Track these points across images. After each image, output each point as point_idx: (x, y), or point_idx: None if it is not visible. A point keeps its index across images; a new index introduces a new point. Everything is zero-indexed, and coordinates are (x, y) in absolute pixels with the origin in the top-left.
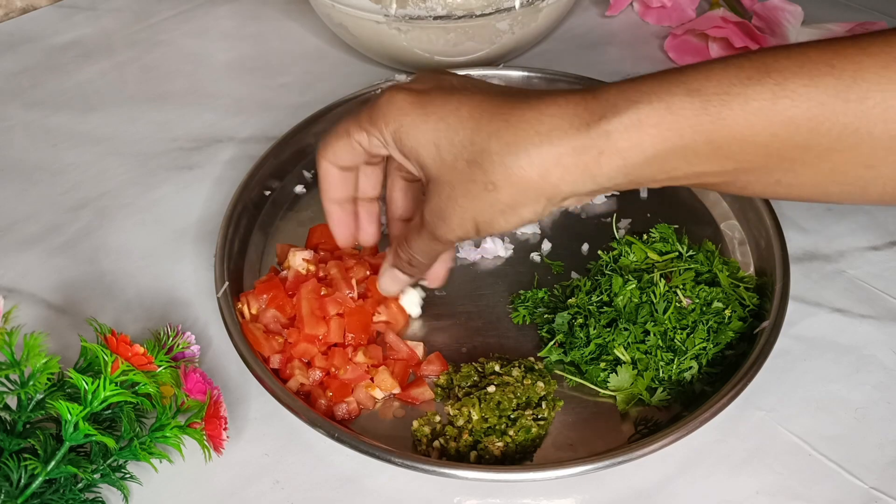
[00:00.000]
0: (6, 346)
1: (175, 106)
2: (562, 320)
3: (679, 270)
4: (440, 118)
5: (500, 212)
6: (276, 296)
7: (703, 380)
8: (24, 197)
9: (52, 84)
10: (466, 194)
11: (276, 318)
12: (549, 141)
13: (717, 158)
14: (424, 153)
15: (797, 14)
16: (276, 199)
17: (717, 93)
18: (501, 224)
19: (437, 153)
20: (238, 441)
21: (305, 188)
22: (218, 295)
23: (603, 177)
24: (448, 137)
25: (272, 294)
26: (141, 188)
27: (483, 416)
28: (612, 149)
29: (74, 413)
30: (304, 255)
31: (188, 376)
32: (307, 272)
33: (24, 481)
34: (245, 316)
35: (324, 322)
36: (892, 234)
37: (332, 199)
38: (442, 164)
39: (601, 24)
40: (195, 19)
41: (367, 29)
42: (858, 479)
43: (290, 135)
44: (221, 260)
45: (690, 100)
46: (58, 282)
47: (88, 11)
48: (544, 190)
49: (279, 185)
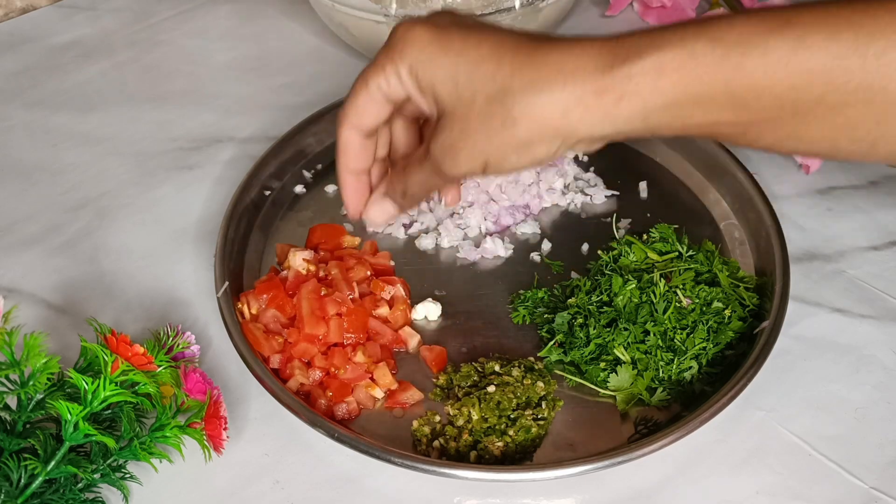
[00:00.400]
0: (6, 346)
1: (175, 106)
2: (562, 320)
3: (679, 270)
4: (459, 53)
5: (514, 148)
6: (276, 296)
7: (703, 380)
8: (24, 197)
9: (52, 84)
10: (482, 129)
11: (276, 318)
12: (574, 80)
13: (733, 108)
14: (441, 88)
15: None
16: (276, 199)
17: (739, 42)
18: (513, 161)
19: (454, 88)
20: (238, 441)
21: (305, 188)
22: (218, 295)
23: (622, 119)
24: (468, 72)
25: (272, 294)
26: (141, 188)
27: (483, 416)
28: (633, 91)
29: (74, 413)
30: (304, 255)
31: (188, 376)
32: (307, 272)
33: (25, 481)
34: (245, 316)
35: (324, 322)
36: (892, 234)
37: (350, 170)
38: (459, 99)
39: (601, 24)
40: (195, 19)
41: (367, 29)
42: (858, 479)
43: (290, 135)
44: (221, 260)
45: (712, 47)
46: (58, 282)
47: (88, 11)
48: (562, 129)
49: (279, 185)
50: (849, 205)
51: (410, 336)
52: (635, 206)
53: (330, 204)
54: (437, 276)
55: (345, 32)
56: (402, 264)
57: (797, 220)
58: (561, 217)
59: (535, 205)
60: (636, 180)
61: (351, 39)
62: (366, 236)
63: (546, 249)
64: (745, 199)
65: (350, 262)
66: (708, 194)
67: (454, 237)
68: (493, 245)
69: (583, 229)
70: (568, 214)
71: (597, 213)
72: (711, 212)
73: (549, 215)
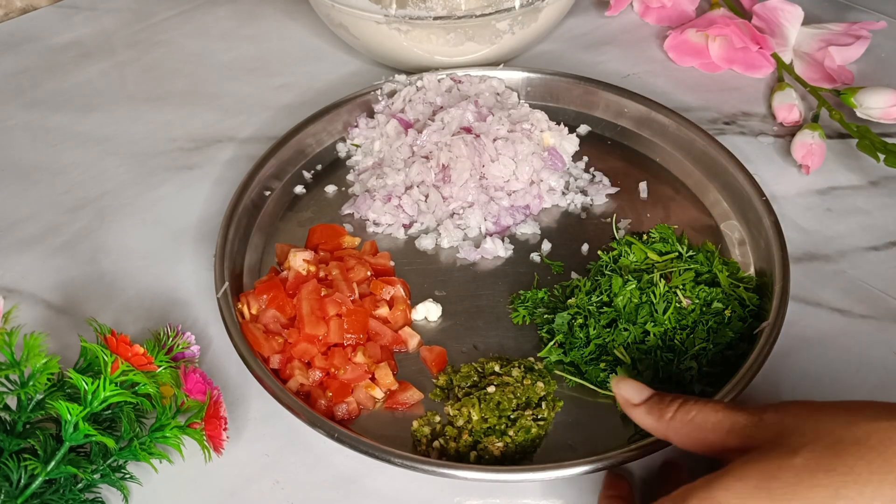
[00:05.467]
0: (6, 347)
1: (175, 106)
2: (561, 320)
3: (679, 271)
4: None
5: None
6: (276, 296)
7: (703, 380)
8: (24, 197)
9: (52, 84)
10: None
11: (276, 318)
12: None
13: None
14: None
15: (797, 14)
16: (276, 199)
17: None
18: None
19: None
20: (238, 441)
21: (305, 188)
22: (218, 295)
23: None
24: None
25: (272, 294)
26: (141, 188)
27: (483, 417)
28: None
29: (74, 413)
30: (305, 255)
31: (188, 376)
32: (307, 273)
33: (24, 481)
34: (245, 316)
35: (324, 322)
36: (892, 234)
37: None
38: None
39: (601, 24)
40: (195, 19)
41: (367, 29)
42: None
43: (290, 135)
44: (221, 260)
45: None
46: (58, 282)
47: (88, 11)
48: None
49: (279, 185)
50: (849, 205)
51: (410, 336)
52: (635, 206)
53: (329, 204)
54: (437, 276)
55: (345, 33)
56: (402, 265)
57: (797, 220)
58: (561, 217)
59: (535, 205)
60: (636, 180)
61: (351, 40)
62: (365, 236)
63: (546, 250)
64: (745, 199)
65: (350, 263)
66: (708, 194)
67: (454, 237)
68: (493, 245)
69: (583, 229)
70: (568, 215)
71: (597, 214)
72: (711, 212)
73: (550, 216)
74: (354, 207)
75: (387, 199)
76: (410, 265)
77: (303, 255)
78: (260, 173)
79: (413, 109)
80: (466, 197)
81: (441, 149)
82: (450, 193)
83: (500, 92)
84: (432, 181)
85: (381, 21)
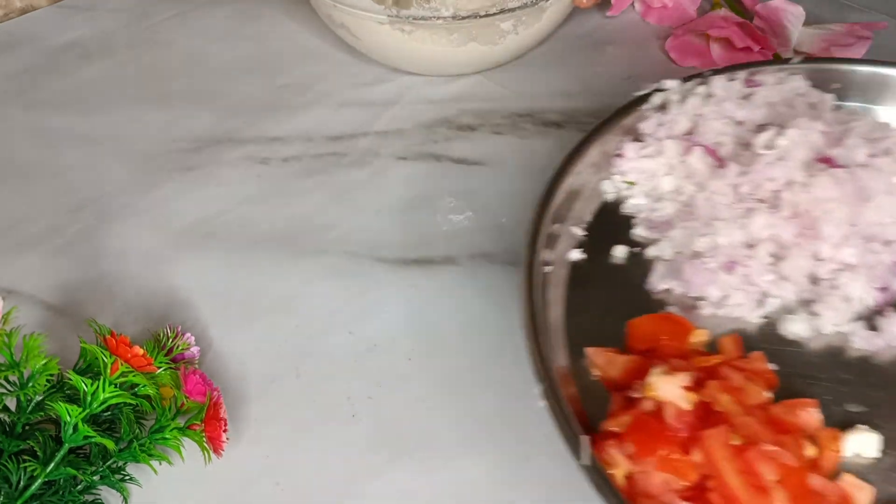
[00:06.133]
0: (5, 348)
1: (175, 106)
2: None
3: None
4: None
5: None
6: (654, 446)
7: None
8: (23, 197)
9: (52, 84)
10: None
11: (669, 485)
12: None
13: None
14: None
15: (799, 14)
16: (554, 273)
17: None
18: None
19: None
20: (238, 443)
21: (585, 251)
22: (582, 461)
23: None
24: None
25: (650, 446)
26: (141, 189)
27: None
28: None
29: (74, 415)
30: (681, 379)
31: (188, 378)
32: (693, 406)
33: (24, 483)
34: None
35: (764, 495)
36: None
37: None
38: None
39: (602, 25)
40: (195, 19)
41: (368, 29)
42: None
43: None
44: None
45: None
46: (57, 283)
47: (88, 12)
48: None
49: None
50: None
51: (857, 489)
52: None
53: (616, 272)
54: (832, 378)
55: (346, 33)
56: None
57: None
58: None
59: None
60: None
61: (352, 40)
62: (716, 330)
63: None
64: None
65: (735, 380)
66: None
67: (843, 315)
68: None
69: None
70: None
71: None
72: None
73: None
74: (678, 280)
75: (730, 268)
76: (780, 363)
77: (677, 378)
78: (536, 245)
79: (709, 129)
80: (844, 256)
81: (793, 189)
82: (814, 252)
83: (802, 93)
84: (791, 237)
85: (384, 22)
